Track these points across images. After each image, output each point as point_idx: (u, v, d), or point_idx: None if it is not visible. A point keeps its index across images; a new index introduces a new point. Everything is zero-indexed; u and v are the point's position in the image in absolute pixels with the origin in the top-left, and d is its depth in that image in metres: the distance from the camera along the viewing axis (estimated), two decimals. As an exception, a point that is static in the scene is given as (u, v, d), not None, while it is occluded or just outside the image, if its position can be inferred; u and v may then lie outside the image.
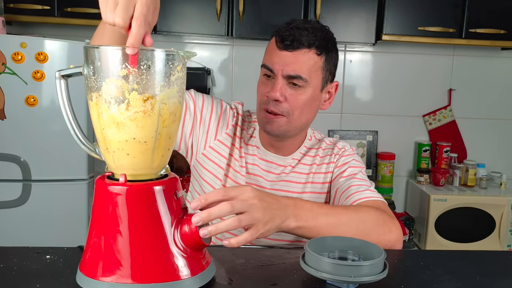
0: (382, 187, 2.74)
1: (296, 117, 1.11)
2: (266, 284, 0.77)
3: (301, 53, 1.07)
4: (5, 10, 2.17)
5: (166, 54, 0.70)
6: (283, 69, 1.07)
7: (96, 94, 0.70)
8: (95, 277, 0.70)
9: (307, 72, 1.08)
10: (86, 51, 0.70)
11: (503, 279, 0.84)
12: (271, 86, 1.09)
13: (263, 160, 1.19)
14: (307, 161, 1.20)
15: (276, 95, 1.07)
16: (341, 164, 1.18)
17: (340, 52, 2.90)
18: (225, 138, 1.18)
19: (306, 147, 1.23)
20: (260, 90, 1.13)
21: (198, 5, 2.30)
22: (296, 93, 1.09)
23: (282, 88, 1.08)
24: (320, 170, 1.19)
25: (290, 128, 1.12)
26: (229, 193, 0.76)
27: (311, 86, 1.10)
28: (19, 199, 2.03)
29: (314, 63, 1.09)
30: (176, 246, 0.72)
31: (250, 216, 0.76)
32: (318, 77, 1.11)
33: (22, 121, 1.99)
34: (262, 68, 1.12)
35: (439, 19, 2.38)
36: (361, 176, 1.13)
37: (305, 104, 1.10)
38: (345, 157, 1.19)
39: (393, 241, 0.97)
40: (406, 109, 2.78)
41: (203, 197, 0.75)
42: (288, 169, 1.19)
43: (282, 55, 1.07)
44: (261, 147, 1.20)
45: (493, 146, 2.84)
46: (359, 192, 1.07)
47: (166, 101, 0.71)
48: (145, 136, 0.71)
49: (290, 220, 0.85)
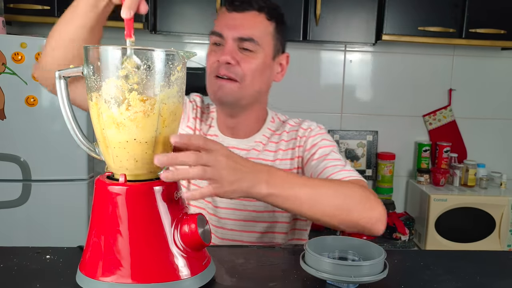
0: (382, 187, 2.74)
1: (248, 82, 1.05)
2: (266, 284, 0.77)
3: (251, 15, 1.04)
4: (5, 10, 2.17)
5: (166, 54, 0.70)
6: (232, 32, 1.03)
7: (96, 94, 0.70)
8: (95, 277, 0.70)
9: (259, 35, 1.04)
10: (86, 51, 0.70)
11: (503, 279, 0.84)
12: (221, 53, 1.04)
13: None
14: (271, 147, 1.14)
15: (227, 58, 1.02)
16: (310, 146, 1.10)
17: (340, 52, 2.91)
18: (186, 132, 1.16)
19: (270, 130, 1.16)
20: (209, 59, 1.07)
21: (198, 5, 2.30)
22: (248, 58, 1.04)
23: (233, 52, 1.03)
24: (286, 156, 1.12)
25: (243, 94, 1.06)
26: (208, 144, 0.74)
27: (263, 52, 1.05)
28: (19, 199, 2.03)
29: (265, 27, 1.05)
30: (176, 246, 0.72)
31: (216, 171, 0.73)
32: (270, 44, 1.07)
33: (22, 121, 1.99)
34: (210, 36, 1.07)
35: (439, 19, 2.38)
36: (333, 156, 1.06)
37: (257, 70, 1.05)
38: (313, 137, 1.11)
39: (375, 219, 0.91)
40: (406, 109, 2.78)
41: (187, 136, 0.73)
42: (252, 153, 1.12)
43: (231, 17, 1.04)
44: (220, 135, 1.15)
45: (493, 146, 2.84)
46: (334, 174, 1.01)
47: (166, 101, 0.71)
48: (145, 136, 0.71)
49: (262, 186, 0.80)
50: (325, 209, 0.87)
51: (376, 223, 0.91)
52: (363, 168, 2.78)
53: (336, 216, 0.89)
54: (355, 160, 2.78)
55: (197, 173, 0.72)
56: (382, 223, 0.92)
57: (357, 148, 2.77)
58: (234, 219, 1.11)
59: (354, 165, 2.77)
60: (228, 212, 1.11)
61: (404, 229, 2.44)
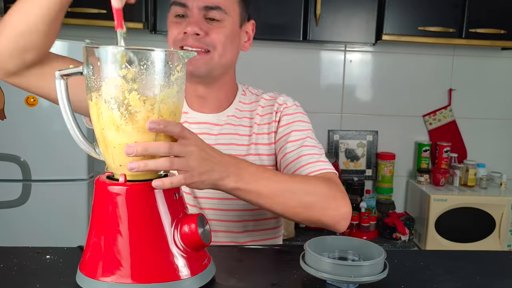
0: (382, 187, 2.74)
1: (220, 52, 1.01)
2: (266, 284, 0.77)
3: None
4: (5, 10, 2.17)
5: (166, 54, 0.70)
6: (198, 1, 0.97)
7: (96, 94, 0.70)
8: (95, 277, 0.70)
9: (225, 3, 0.99)
10: (86, 51, 0.70)
11: (503, 279, 0.84)
12: (186, 25, 0.98)
13: (195, 123, 1.09)
14: (245, 122, 1.10)
15: (194, 29, 0.97)
16: (285, 124, 1.07)
17: (340, 52, 2.91)
18: None
19: (242, 103, 1.12)
20: (172, 31, 1.01)
21: (198, 5, 2.30)
22: (216, 27, 1.00)
23: (200, 22, 0.98)
24: (263, 130, 1.09)
25: (214, 65, 1.02)
26: (184, 132, 0.73)
27: (231, 20, 1.02)
28: (19, 199, 2.03)
29: None
30: (176, 246, 0.72)
31: (185, 162, 0.73)
32: (236, 11, 1.03)
33: (22, 121, 1.99)
34: (172, 7, 1.01)
35: (439, 19, 2.37)
36: (310, 142, 1.04)
37: (227, 39, 1.01)
38: (288, 115, 1.09)
39: (339, 217, 0.91)
40: (406, 109, 2.78)
41: (163, 122, 0.70)
42: (227, 128, 1.09)
43: None
44: (190, 111, 1.10)
45: (493, 146, 2.84)
46: (310, 164, 0.99)
47: (166, 101, 0.71)
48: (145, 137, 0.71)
49: (230, 179, 0.80)
50: (287, 206, 0.88)
51: (339, 222, 0.92)
52: (363, 168, 2.78)
53: (299, 214, 0.90)
54: (355, 160, 2.78)
55: (163, 164, 0.71)
56: (346, 221, 0.93)
57: (357, 148, 2.77)
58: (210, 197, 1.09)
59: (354, 165, 2.77)
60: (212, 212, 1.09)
61: (404, 229, 2.44)
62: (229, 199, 1.07)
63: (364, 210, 2.51)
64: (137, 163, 0.69)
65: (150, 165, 0.70)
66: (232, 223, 1.09)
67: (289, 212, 0.89)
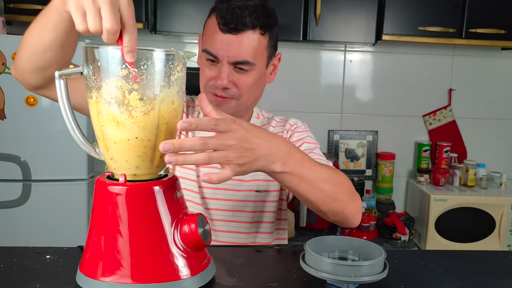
0: (382, 187, 2.74)
1: (245, 98, 1.08)
2: (266, 284, 0.77)
3: (245, 36, 1.02)
4: (5, 10, 2.17)
5: (166, 54, 0.70)
6: (228, 55, 1.02)
7: (96, 94, 0.70)
8: (95, 277, 0.70)
9: (253, 55, 1.04)
10: (86, 51, 0.70)
11: (503, 279, 0.84)
12: (217, 73, 1.05)
13: None
14: None
15: (224, 83, 1.04)
16: (296, 140, 1.13)
17: (340, 52, 2.91)
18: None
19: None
20: (204, 74, 1.08)
21: (198, 5, 2.30)
22: (244, 77, 1.05)
23: (229, 75, 1.04)
24: None
25: (240, 109, 1.10)
26: (219, 126, 0.71)
27: (258, 68, 1.07)
28: (19, 199, 2.03)
29: (259, 43, 1.05)
30: (176, 246, 0.72)
31: (224, 155, 0.72)
32: (264, 56, 1.08)
33: (22, 121, 1.99)
34: (204, 53, 1.06)
35: (439, 19, 2.37)
36: (318, 152, 1.10)
37: (252, 86, 1.07)
38: (299, 133, 1.15)
39: (356, 211, 0.95)
40: (406, 109, 2.78)
41: (194, 121, 0.69)
42: None
43: (225, 39, 1.02)
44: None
45: (493, 146, 2.84)
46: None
47: (167, 101, 0.71)
48: (145, 136, 0.71)
49: (277, 164, 0.80)
50: (322, 195, 0.89)
51: (356, 215, 0.95)
52: (363, 168, 2.78)
53: (327, 204, 0.90)
54: (355, 160, 2.78)
55: (202, 159, 0.70)
56: (360, 215, 0.96)
57: (357, 148, 2.77)
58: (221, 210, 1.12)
59: (354, 165, 2.78)
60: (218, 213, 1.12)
61: (404, 229, 2.44)
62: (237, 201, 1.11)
63: (364, 210, 2.51)
64: (176, 157, 0.68)
65: (188, 160, 0.69)
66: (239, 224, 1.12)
67: (321, 201, 0.89)
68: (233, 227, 1.12)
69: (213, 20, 1.05)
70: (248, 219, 1.13)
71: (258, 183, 1.14)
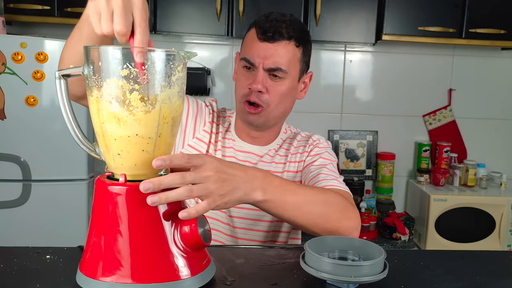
0: (382, 187, 2.74)
1: (274, 107, 1.12)
2: (266, 284, 0.77)
3: (281, 45, 1.09)
4: (5, 10, 2.17)
5: (168, 55, 0.70)
6: (263, 62, 1.09)
7: (96, 94, 0.70)
8: (95, 277, 0.70)
9: (287, 64, 1.10)
10: (87, 51, 0.70)
11: (503, 279, 0.84)
12: (253, 78, 1.10)
13: (240, 151, 1.20)
14: (282, 152, 1.21)
15: (258, 87, 1.09)
16: (314, 154, 1.18)
17: (340, 52, 2.91)
18: (203, 135, 1.19)
19: (282, 139, 1.24)
20: (241, 82, 1.14)
21: (198, 5, 2.30)
22: (276, 84, 1.11)
23: (264, 80, 1.10)
24: (295, 159, 1.19)
25: (270, 118, 1.14)
26: (192, 160, 0.74)
27: (290, 78, 1.12)
28: (19, 199, 2.03)
29: (293, 55, 1.11)
30: (176, 246, 0.72)
31: (203, 187, 0.73)
32: (296, 68, 1.13)
33: (22, 121, 1.99)
34: (241, 61, 1.13)
35: (439, 19, 2.38)
36: (331, 168, 1.14)
37: (283, 95, 1.12)
38: (319, 148, 1.19)
39: (352, 228, 0.96)
40: (406, 109, 2.78)
41: (168, 157, 0.71)
42: (266, 158, 1.19)
43: (262, 47, 1.09)
44: (237, 139, 1.21)
45: (493, 146, 2.84)
46: (326, 180, 1.07)
47: (167, 101, 0.71)
48: (146, 135, 0.71)
49: (257, 193, 0.82)
50: (310, 217, 0.91)
51: (352, 232, 0.96)
52: (363, 168, 2.78)
53: (318, 224, 0.92)
54: (355, 160, 2.78)
55: (183, 194, 0.71)
56: (358, 231, 0.97)
57: (357, 148, 2.77)
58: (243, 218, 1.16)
59: (354, 165, 2.78)
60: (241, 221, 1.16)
61: (404, 229, 2.44)
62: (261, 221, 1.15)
63: (364, 210, 2.51)
64: (158, 197, 0.70)
65: (171, 197, 0.71)
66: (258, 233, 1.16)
67: (310, 223, 0.92)
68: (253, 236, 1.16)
69: (252, 32, 1.12)
70: (266, 228, 1.16)
71: None
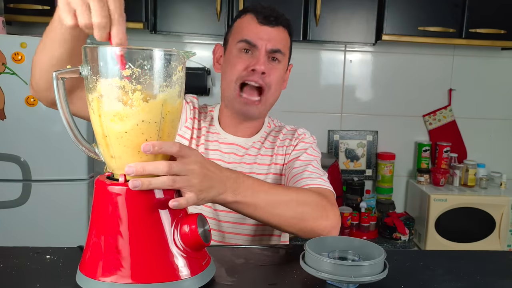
0: (382, 187, 2.74)
1: (272, 92, 1.14)
2: (266, 284, 0.77)
3: (280, 30, 1.13)
4: (5, 10, 2.17)
5: (169, 54, 0.70)
6: (266, 44, 1.11)
7: (96, 94, 0.70)
8: (95, 277, 0.70)
9: (284, 47, 1.14)
10: (85, 52, 0.70)
11: (503, 279, 0.84)
12: (254, 60, 1.11)
13: (225, 144, 1.19)
14: (267, 144, 1.21)
15: (262, 68, 1.10)
16: (299, 149, 1.18)
17: (340, 52, 2.91)
18: (184, 131, 1.18)
19: (266, 132, 1.24)
20: (236, 67, 1.12)
21: (198, 5, 2.30)
22: (274, 68, 1.13)
23: (266, 62, 1.12)
24: (280, 152, 1.19)
25: (266, 106, 1.15)
26: (182, 151, 0.73)
27: (283, 63, 1.15)
28: (19, 199, 2.03)
29: (287, 42, 1.16)
30: (176, 246, 0.72)
31: (186, 180, 0.74)
32: (287, 56, 1.17)
33: (22, 121, 1.99)
34: (240, 43, 1.12)
35: (439, 19, 2.38)
36: (316, 165, 1.14)
37: (278, 80, 1.15)
38: (304, 143, 1.20)
39: (330, 227, 0.95)
40: (406, 109, 2.78)
41: (158, 143, 0.71)
42: (252, 151, 1.19)
43: (265, 30, 1.11)
44: (222, 132, 1.20)
45: (493, 146, 2.84)
46: (310, 178, 1.07)
47: (169, 101, 0.71)
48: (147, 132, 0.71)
49: (228, 194, 0.82)
50: (283, 217, 0.91)
51: (330, 232, 0.96)
52: (363, 168, 2.78)
53: (293, 225, 0.93)
54: (355, 160, 2.78)
55: (166, 182, 0.71)
56: (336, 231, 0.97)
57: (357, 148, 2.77)
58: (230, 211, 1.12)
59: (354, 165, 2.77)
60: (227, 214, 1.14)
61: (404, 229, 2.44)
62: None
63: (364, 210, 2.51)
64: (140, 181, 0.69)
65: (153, 184, 0.71)
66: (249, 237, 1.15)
67: (284, 223, 0.92)
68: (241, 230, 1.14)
69: (249, 17, 1.13)
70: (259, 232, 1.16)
71: None
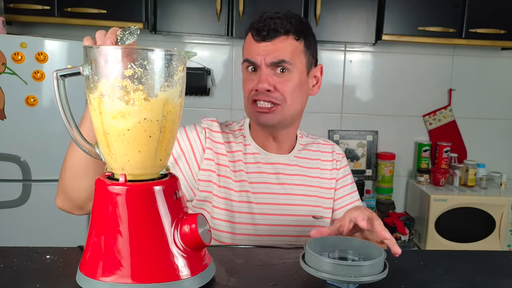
0: (382, 187, 2.74)
1: (289, 104, 1.09)
2: (266, 284, 0.77)
3: (279, 41, 1.06)
4: (5, 10, 2.17)
5: (170, 54, 0.70)
6: (265, 58, 1.06)
7: (97, 94, 0.70)
8: (95, 277, 0.70)
9: (290, 56, 1.07)
10: (86, 51, 0.70)
11: (503, 279, 0.84)
12: (257, 79, 1.07)
13: (269, 164, 1.15)
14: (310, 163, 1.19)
15: (264, 86, 1.06)
16: (343, 176, 1.22)
17: (340, 52, 2.91)
18: (206, 164, 1.11)
19: (301, 144, 1.22)
20: (246, 86, 1.11)
21: (198, 5, 2.30)
22: (284, 80, 1.07)
23: (269, 78, 1.07)
24: (325, 176, 1.20)
25: (285, 116, 1.10)
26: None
27: (297, 71, 1.08)
28: (19, 199, 2.03)
29: (295, 47, 1.08)
30: (176, 246, 0.72)
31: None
32: (302, 61, 1.10)
33: (22, 121, 1.99)
34: (244, 63, 1.11)
35: (439, 19, 2.38)
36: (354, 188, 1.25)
37: (294, 90, 1.09)
38: (345, 167, 1.24)
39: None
40: (406, 109, 2.78)
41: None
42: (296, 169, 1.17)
43: (262, 47, 1.07)
44: (262, 151, 1.16)
45: (493, 146, 2.84)
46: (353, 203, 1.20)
47: (170, 101, 0.71)
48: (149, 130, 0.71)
49: None
50: None
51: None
52: (363, 168, 2.78)
53: None
54: (355, 160, 2.78)
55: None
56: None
57: (357, 148, 2.77)
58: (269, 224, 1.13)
59: (354, 165, 2.78)
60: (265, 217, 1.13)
61: (404, 229, 2.44)
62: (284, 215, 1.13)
63: (364, 210, 2.50)
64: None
65: None
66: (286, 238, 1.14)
67: None
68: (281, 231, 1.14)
69: (249, 35, 1.10)
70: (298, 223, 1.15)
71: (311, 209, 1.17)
